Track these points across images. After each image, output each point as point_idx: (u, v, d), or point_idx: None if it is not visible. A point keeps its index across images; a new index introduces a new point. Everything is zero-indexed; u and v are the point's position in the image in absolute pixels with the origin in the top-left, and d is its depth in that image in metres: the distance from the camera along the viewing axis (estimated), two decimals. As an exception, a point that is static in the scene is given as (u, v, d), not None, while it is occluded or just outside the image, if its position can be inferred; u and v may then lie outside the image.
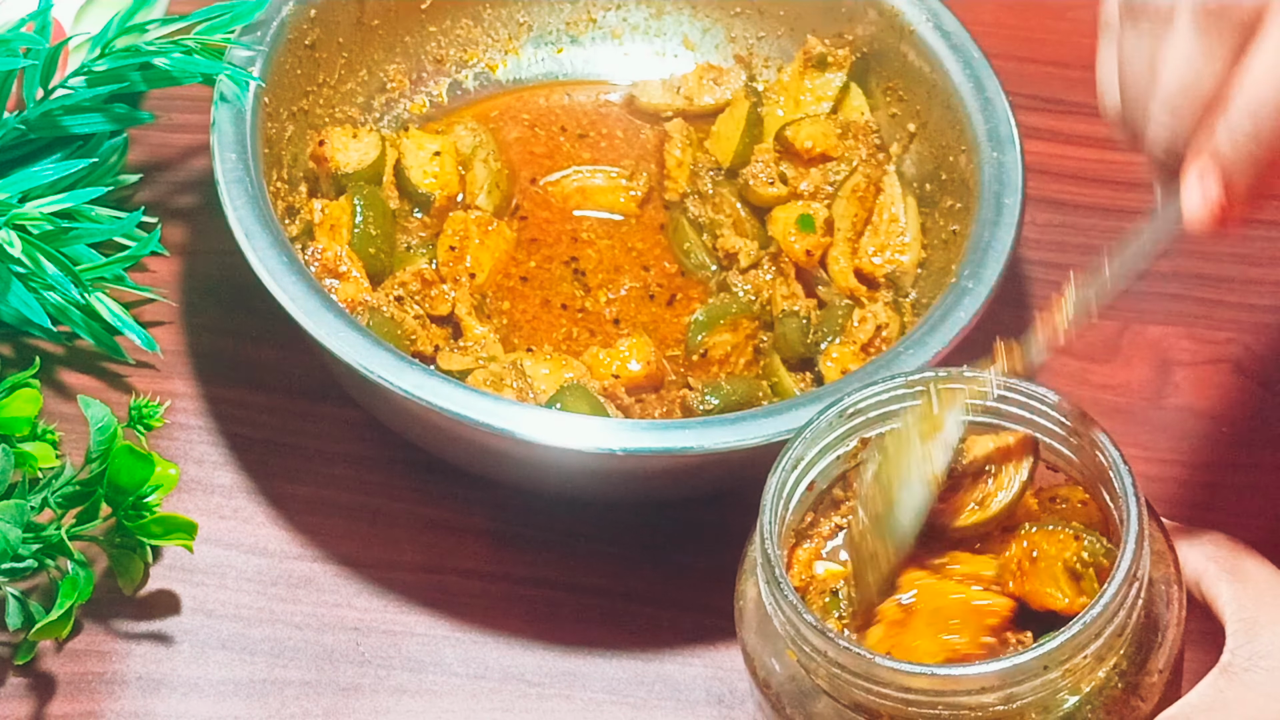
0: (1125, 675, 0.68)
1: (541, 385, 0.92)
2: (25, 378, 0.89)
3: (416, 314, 0.95)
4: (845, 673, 0.66)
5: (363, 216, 0.97)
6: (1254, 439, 0.99)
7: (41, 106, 0.95)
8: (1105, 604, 0.65)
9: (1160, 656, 0.69)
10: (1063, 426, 0.71)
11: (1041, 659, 0.64)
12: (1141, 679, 0.68)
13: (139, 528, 0.87)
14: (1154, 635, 0.69)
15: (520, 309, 0.99)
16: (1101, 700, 0.67)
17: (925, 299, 0.97)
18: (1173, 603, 0.70)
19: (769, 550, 0.68)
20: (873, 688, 0.66)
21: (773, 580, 0.68)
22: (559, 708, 0.88)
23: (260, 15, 0.98)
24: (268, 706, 0.87)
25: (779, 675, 0.70)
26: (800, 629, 0.67)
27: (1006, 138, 0.96)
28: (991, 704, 0.65)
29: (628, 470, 0.87)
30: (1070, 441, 0.71)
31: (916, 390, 0.73)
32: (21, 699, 0.87)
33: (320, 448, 0.96)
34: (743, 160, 1.02)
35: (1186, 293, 1.05)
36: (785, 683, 0.70)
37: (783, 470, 0.71)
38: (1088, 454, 0.71)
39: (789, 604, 0.67)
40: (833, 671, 0.66)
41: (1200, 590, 0.72)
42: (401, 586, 0.91)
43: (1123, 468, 0.69)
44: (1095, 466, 0.71)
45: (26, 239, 0.92)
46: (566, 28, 1.10)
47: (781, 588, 0.67)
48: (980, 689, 0.65)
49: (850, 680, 0.66)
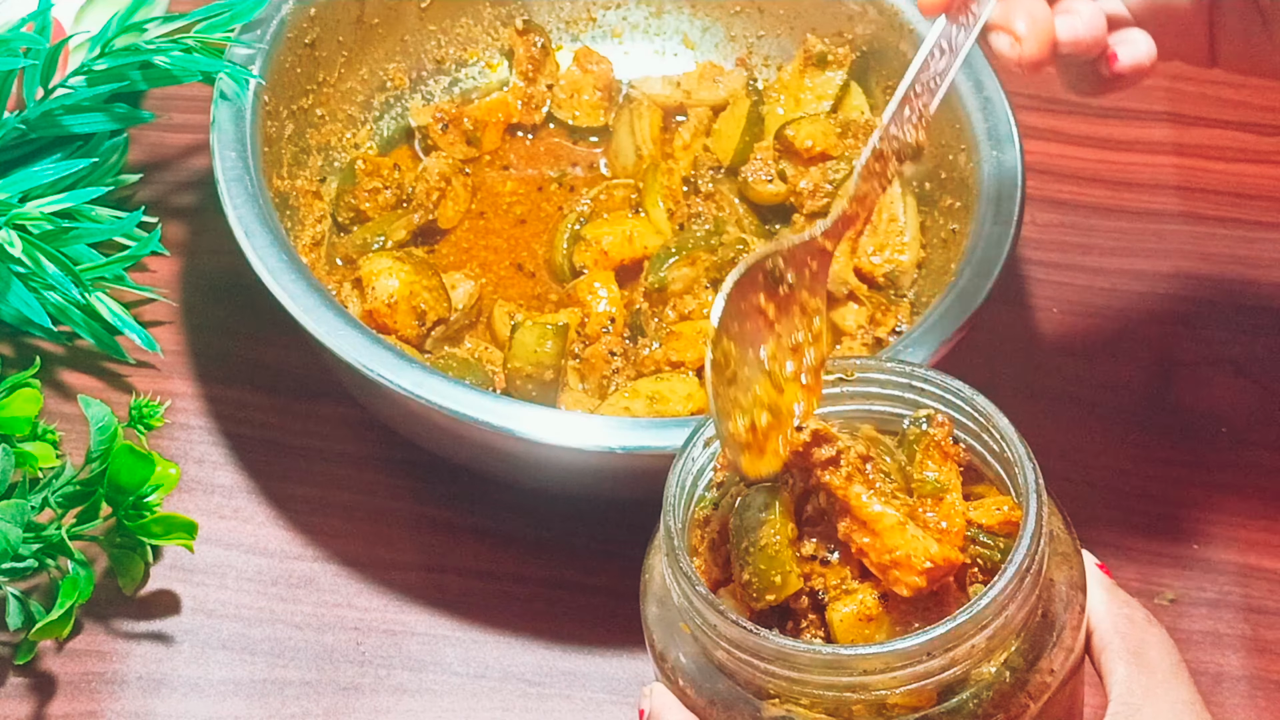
0: (1016, 671, 0.67)
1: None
2: (25, 378, 0.89)
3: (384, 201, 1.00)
4: (736, 649, 0.66)
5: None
6: (1254, 439, 0.99)
7: (41, 106, 0.95)
8: (994, 596, 0.65)
9: (1055, 657, 0.68)
10: (975, 421, 0.71)
11: (925, 645, 0.64)
12: (1032, 676, 0.67)
13: (139, 527, 0.87)
14: (1049, 634, 0.68)
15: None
16: (990, 694, 0.67)
17: (925, 298, 0.97)
18: (1073, 606, 0.69)
19: (670, 524, 0.68)
20: (762, 665, 0.66)
21: (671, 553, 0.68)
22: (559, 708, 0.88)
23: (260, 14, 0.98)
24: (268, 706, 0.87)
25: (674, 649, 0.70)
26: (694, 603, 0.67)
27: (1006, 137, 0.96)
28: (875, 685, 0.65)
29: (627, 469, 0.87)
30: (982, 437, 0.71)
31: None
32: (22, 699, 0.87)
33: (320, 448, 0.96)
34: (743, 159, 1.03)
35: (1186, 293, 1.05)
36: (679, 658, 0.70)
37: (691, 444, 0.71)
38: (998, 452, 0.71)
39: (685, 576, 0.67)
40: (723, 647, 0.66)
41: (1098, 659, 0.71)
42: (402, 586, 0.91)
43: (1027, 463, 0.68)
44: (1004, 461, 0.70)
45: (27, 239, 0.92)
46: (566, 26, 1.10)
47: (679, 560, 0.67)
48: (867, 670, 0.65)
49: (742, 659, 0.66)
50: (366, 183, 1.01)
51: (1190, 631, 0.92)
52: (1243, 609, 0.93)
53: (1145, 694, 0.69)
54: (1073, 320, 1.04)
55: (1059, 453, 0.98)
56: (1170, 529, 0.96)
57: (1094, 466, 0.98)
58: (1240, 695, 0.90)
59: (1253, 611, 0.93)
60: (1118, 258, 1.06)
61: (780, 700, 0.67)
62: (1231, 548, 0.95)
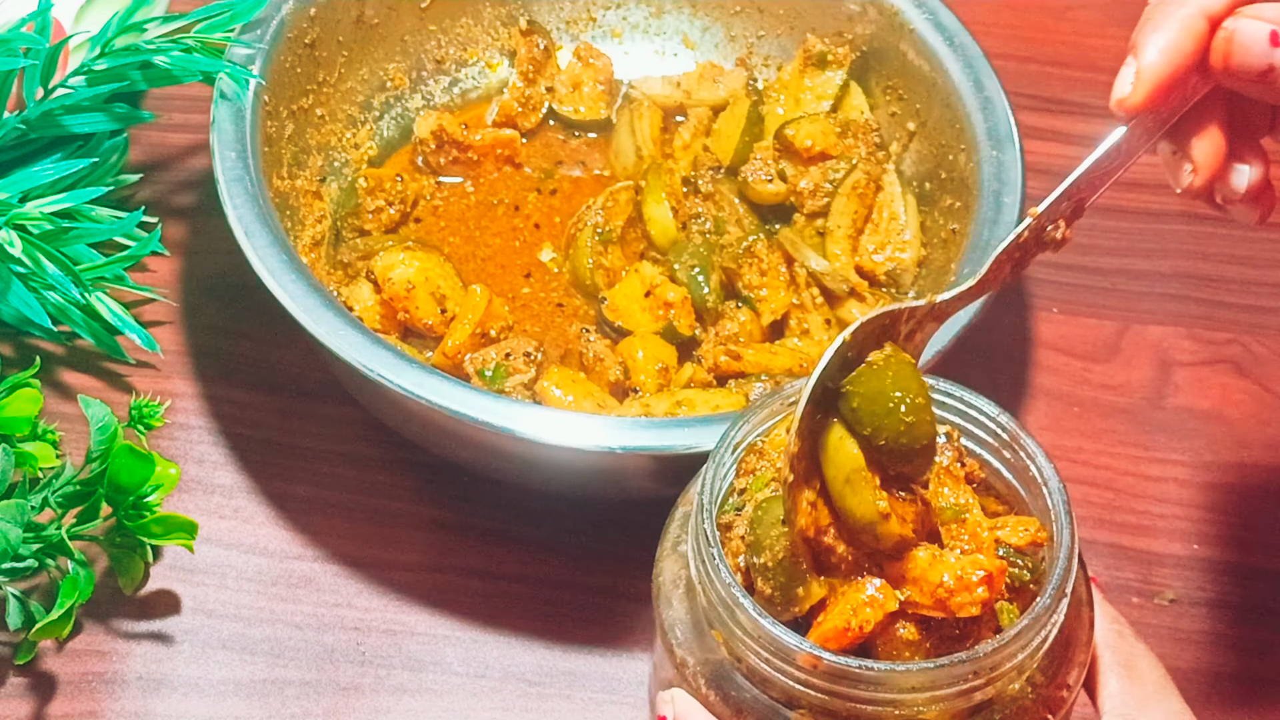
0: (1038, 687, 0.68)
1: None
2: (25, 378, 0.89)
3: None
4: (774, 658, 0.66)
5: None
6: (1254, 439, 0.99)
7: (41, 106, 0.95)
8: (1037, 614, 0.66)
9: (1071, 673, 0.69)
10: (996, 439, 0.71)
11: (972, 664, 0.65)
12: (1052, 692, 0.68)
13: (139, 527, 0.87)
14: (1066, 650, 0.69)
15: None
16: (1014, 709, 0.68)
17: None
18: (1084, 622, 0.70)
19: (706, 528, 0.67)
20: (801, 676, 0.66)
21: (708, 557, 0.67)
22: (559, 708, 0.88)
23: (260, 13, 0.98)
24: (268, 706, 0.87)
25: (698, 654, 0.70)
26: (740, 616, 0.66)
27: (1006, 136, 0.96)
28: (914, 702, 0.65)
29: (628, 469, 0.87)
30: (1003, 455, 0.71)
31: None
32: (22, 699, 0.87)
33: (320, 448, 0.96)
34: (743, 159, 1.03)
35: (1186, 293, 1.05)
36: (703, 663, 0.70)
37: (723, 449, 0.71)
38: (1020, 468, 0.71)
39: (723, 582, 0.66)
40: (765, 657, 0.66)
41: (1090, 673, 0.72)
42: (402, 586, 0.91)
43: (1056, 485, 0.69)
44: (1025, 478, 0.70)
45: (27, 239, 0.92)
46: (567, 26, 1.10)
47: (720, 570, 0.66)
48: (911, 688, 0.65)
49: (780, 669, 0.66)
50: (369, 203, 1.01)
51: (1190, 631, 0.92)
52: (1243, 609, 0.93)
53: (1139, 705, 0.70)
54: (1073, 320, 1.04)
55: (1059, 453, 0.98)
56: (1170, 529, 0.96)
57: (1094, 466, 0.98)
58: (1240, 695, 0.90)
59: (1253, 611, 0.93)
60: (1118, 258, 1.07)
61: (809, 711, 0.67)
62: (1231, 548, 0.95)
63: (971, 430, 0.72)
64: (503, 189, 1.05)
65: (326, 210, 1.01)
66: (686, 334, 0.97)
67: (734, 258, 0.99)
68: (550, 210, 1.04)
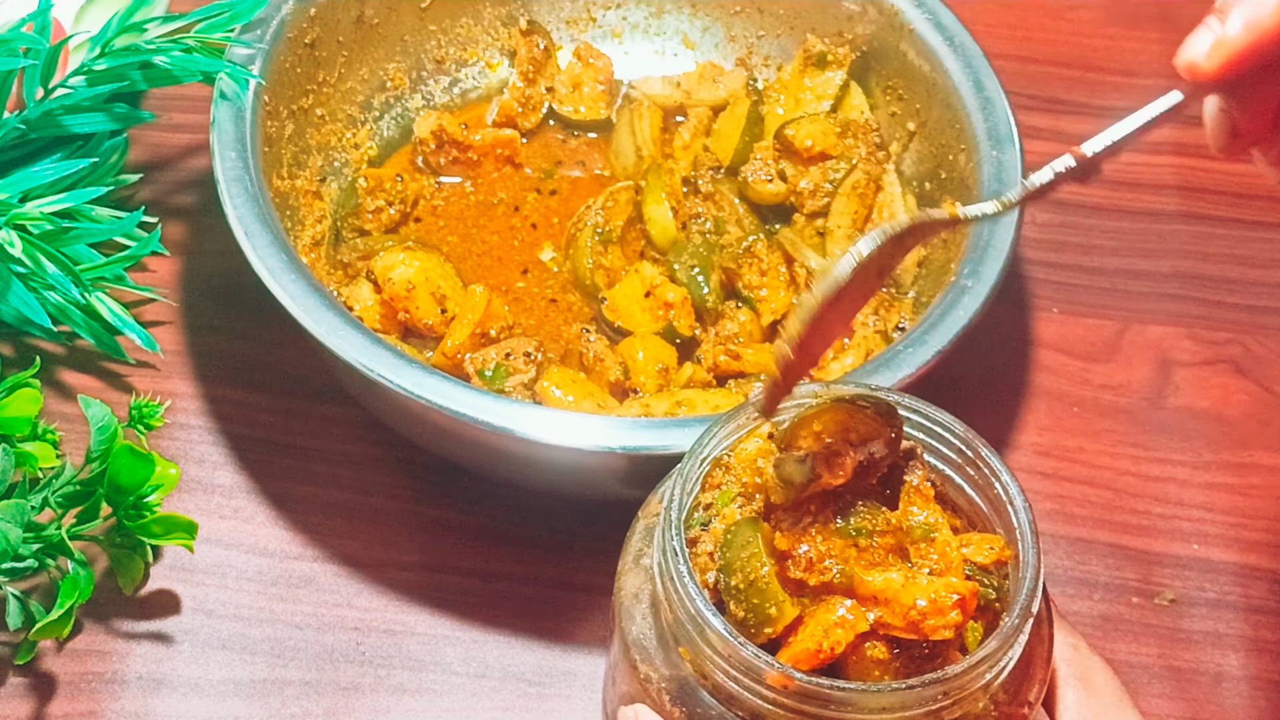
0: (1000, 704, 0.68)
1: None
2: (25, 378, 0.89)
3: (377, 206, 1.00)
4: (744, 677, 0.66)
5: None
6: (1254, 439, 0.99)
7: (41, 106, 0.95)
8: (1005, 634, 0.66)
9: (1032, 689, 0.69)
10: (961, 455, 0.71)
11: (942, 684, 0.65)
12: (1014, 709, 0.68)
13: (139, 527, 0.87)
14: (1027, 668, 0.69)
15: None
16: None
17: (925, 297, 0.97)
18: (1044, 639, 0.70)
19: (676, 546, 0.67)
20: (770, 695, 0.65)
21: (678, 575, 0.67)
22: (559, 707, 0.88)
23: (260, 14, 0.98)
24: (268, 706, 0.87)
25: (662, 670, 0.70)
26: (710, 635, 0.66)
27: (1006, 136, 0.96)
28: None
29: (627, 469, 0.87)
30: (967, 472, 0.71)
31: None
32: (22, 699, 0.87)
33: (320, 448, 0.96)
34: (743, 159, 1.03)
35: (1186, 293, 1.05)
36: (667, 680, 0.69)
37: (690, 464, 0.70)
38: (984, 485, 0.71)
39: (693, 600, 0.66)
40: (734, 676, 0.66)
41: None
42: (401, 586, 0.91)
43: (1022, 506, 0.69)
44: (989, 495, 0.70)
45: (27, 239, 0.92)
46: (567, 26, 1.10)
47: (686, 581, 0.66)
48: (881, 708, 0.65)
49: (748, 687, 0.66)
50: (369, 203, 1.01)
51: (1190, 631, 0.92)
52: (1243, 609, 0.93)
53: (1095, 717, 0.71)
54: (1073, 320, 1.04)
55: (1059, 453, 0.98)
56: (1170, 529, 0.96)
57: (1094, 466, 0.98)
58: (1240, 695, 0.90)
59: (1253, 611, 0.93)
60: (1118, 258, 1.07)
61: None
62: (1231, 548, 0.95)
63: (937, 447, 0.71)
64: (502, 189, 1.05)
65: (326, 210, 1.01)
66: (686, 334, 0.97)
67: (734, 258, 0.99)
68: (550, 210, 1.04)
